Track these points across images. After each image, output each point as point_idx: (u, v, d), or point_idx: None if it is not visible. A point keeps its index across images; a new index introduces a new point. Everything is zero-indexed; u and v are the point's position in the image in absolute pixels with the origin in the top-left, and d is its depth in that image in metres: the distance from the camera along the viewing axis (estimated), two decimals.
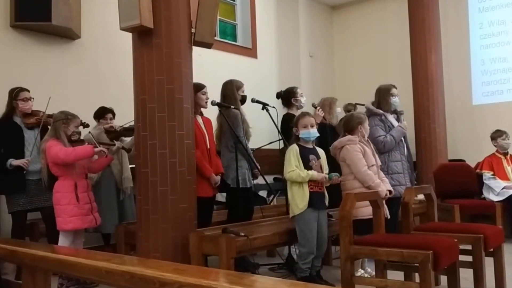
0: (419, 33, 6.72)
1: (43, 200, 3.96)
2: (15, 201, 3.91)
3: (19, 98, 3.99)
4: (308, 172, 3.47)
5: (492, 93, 7.17)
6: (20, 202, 3.90)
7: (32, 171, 3.95)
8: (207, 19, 3.52)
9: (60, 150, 3.62)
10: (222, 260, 3.04)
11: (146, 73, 3.33)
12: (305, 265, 3.48)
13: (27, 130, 4.04)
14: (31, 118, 4.03)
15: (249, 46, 7.26)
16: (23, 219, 3.99)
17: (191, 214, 3.37)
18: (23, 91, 4.02)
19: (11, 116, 4.02)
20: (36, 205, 3.95)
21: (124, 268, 2.07)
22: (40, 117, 3.98)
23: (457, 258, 3.04)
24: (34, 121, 4.01)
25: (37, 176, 3.93)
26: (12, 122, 4.02)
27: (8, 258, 2.94)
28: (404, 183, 4.23)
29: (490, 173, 5.51)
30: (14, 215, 3.95)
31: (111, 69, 5.35)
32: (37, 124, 4.00)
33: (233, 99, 4.13)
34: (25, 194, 3.91)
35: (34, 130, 4.05)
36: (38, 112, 4.06)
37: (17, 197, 3.91)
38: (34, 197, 3.94)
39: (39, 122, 3.97)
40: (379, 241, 2.99)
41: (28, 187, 3.93)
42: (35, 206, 3.96)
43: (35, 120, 4.01)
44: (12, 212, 3.94)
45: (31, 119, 4.03)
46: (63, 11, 4.74)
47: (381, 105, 4.37)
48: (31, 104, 4.04)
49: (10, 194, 3.95)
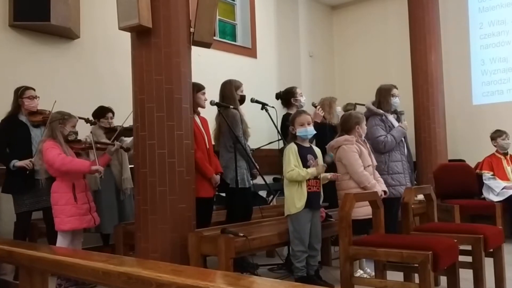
0: (419, 33, 6.71)
1: (50, 200, 3.91)
2: (22, 202, 3.91)
3: (25, 96, 3.99)
4: (307, 170, 3.46)
5: (492, 93, 7.15)
6: (26, 202, 3.90)
7: (40, 171, 3.92)
8: (206, 19, 3.51)
9: (56, 157, 3.58)
10: (221, 261, 3.03)
11: (145, 72, 3.32)
12: (300, 263, 3.48)
13: (33, 128, 4.04)
14: (37, 116, 4.03)
15: (249, 46, 7.25)
16: (27, 220, 3.99)
17: (189, 214, 3.36)
18: (29, 89, 4.03)
19: (16, 115, 4.02)
20: (43, 204, 3.92)
21: (121, 269, 2.05)
22: (47, 115, 3.96)
23: (457, 259, 3.02)
24: (41, 119, 4.01)
25: (45, 174, 3.91)
26: (18, 120, 4.02)
27: (6, 259, 2.93)
28: (404, 183, 4.21)
29: (490, 173, 5.49)
30: (19, 216, 3.95)
31: (110, 69, 5.34)
32: (43, 122, 3.98)
33: (232, 99, 4.12)
34: (33, 194, 3.90)
35: (40, 128, 4.05)
36: (44, 111, 4.06)
37: (24, 198, 3.91)
38: (41, 197, 3.91)
39: (46, 120, 3.95)
40: (378, 242, 2.97)
41: (36, 187, 3.91)
42: (41, 206, 3.94)
43: (41, 118, 4.01)
44: (18, 213, 3.93)
45: (37, 117, 4.02)
46: (62, 11, 4.73)
47: (382, 105, 4.36)
48: (37, 102, 4.04)
49: (18, 195, 3.95)
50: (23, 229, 3.96)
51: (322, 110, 4.96)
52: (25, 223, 3.97)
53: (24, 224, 3.96)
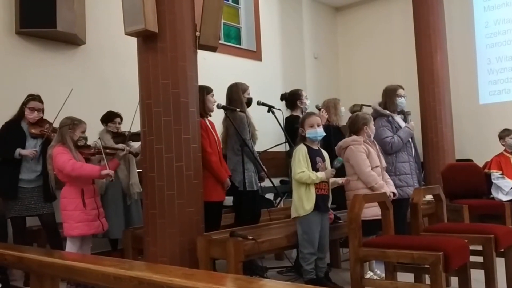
0: (424, 32, 6.69)
1: (39, 208, 3.92)
2: (10, 207, 3.90)
3: (28, 106, 3.98)
4: (317, 174, 3.45)
5: (499, 92, 7.11)
6: (15, 208, 3.88)
7: (26, 180, 3.92)
8: (212, 23, 3.51)
9: (67, 162, 3.61)
10: (230, 264, 3.02)
11: (151, 77, 3.33)
12: (309, 266, 3.46)
13: (30, 139, 4.01)
14: (37, 128, 4.01)
15: (254, 49, 7.26)
16: (21, 224, 3.97)
17: (198, 217, 3.36)
18: (34, 100, 3.99)
19: (19, 121, 4.02)
20: (31, 212, 3.92)
21: (132, 274, 2.05)
22: (45, 129, 3.97)
23: (468, 259, 3.00)
24: (39, 132, 3.99)
25: (32, 184, 3.92)
26: (19, 127, 4.01)
27: (16, 265, 2.93)
28: (412, 184, 4.19)
29: (499, 173, 5.46)
30: (11, 220, 3.95)
31: (116, 74, 5.36)
32: (41, 136, 3.99)
33: (239, 102, 4.12)
34: (19, 201, 3.88)
35: (37, 140, 4.01)
36: (44, 124, 4.04)
37: (11, 203, 3.89)
38: (29, 205, 3.90)
39: (43, 134, 3.96)
40: (388, 243, 2.96)
41: (23, 195, 3.89)
42: (30, 213, 3.93)
43: (39, 132, 3.99)
44: (10, 217, 3.93)
45: (36, 129, 4.00)
46: (68, 17, 4.76)
47: (388, 105, 4.34)
48: (36, 115, 3.98)
49: (5, 200, 3.94)
50: (19, 233, 3.94)
51: (327, 112, 4.94)
52: (19, 227, 3.95)
53: (18, 228, 3.94)
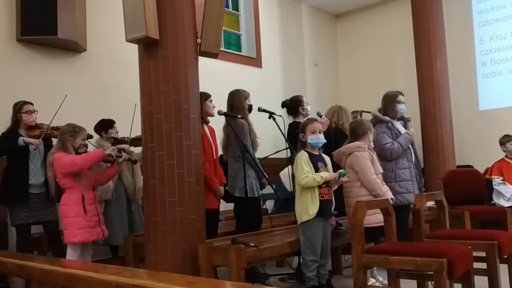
0: (424, 38, 6.71)
1: (45, 214, 3.95)
2: (17, 214, 3.90)
3: (23, 111, 4.00)
4: (321, 174, 3.43)
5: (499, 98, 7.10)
6: (22, 215, 3.89)
7: (34, 185, 3.94)
8: (213, 30, 3.52)
9: (73, 158, 3.66)
10: (232, 271, 3.00)
11: (152, 84, 3.33)
12: (311, 273, 3.44)
13: None
14: (35, 130, 4.03)
15: (254, 55, 7.28)
16: (26, 232, 3.97)
17: (199, 225, 3.35)
18: (26, 104, 4.04)
19: (16, 129, 4.03)
20: (38, 219, 3.93)
21: (134, 282, 2.03)
22: (43, 129, 3.99)
23: (471, 266, 2.98)
24: (38, 133, 4.01)
25: (39, 189, 3.94)
26: (18, 135, 4.01)
27: (17, 273, 2.92)
28: (412, 190, 4.18)
29: (500, 179, 5.45)
30: (17, 228, 3.95)
31: (117, 81, 5.36)
32: (40, 136, 3.99)
33: (241, 108, 4.12)
34: (27, 207, 3.90)
35: None
36: (42, 125, 4.07)
37: (19, 211, 3.90)
38: (36, 211, 3.92)
39: (42, 133, 3.97)
40: (391, 250, 2.94)
41: (31, 201, 3.91)
42: (37, 220, 3.94)
43: (38, 133, 4.01)
44: (15, 225, 3.93)
45: (35, 132, 4.02)
46: (69, 25, 4.77)
47: (388, 112, 4.34)
48: (35, 116, 4.04)
49: (12, 207, 3.95)
50: (23, 241, 3.94)
51: (338, 117, 4.97)
52: (24, 235, 3.95)
53: (23, 236, 3.94)
